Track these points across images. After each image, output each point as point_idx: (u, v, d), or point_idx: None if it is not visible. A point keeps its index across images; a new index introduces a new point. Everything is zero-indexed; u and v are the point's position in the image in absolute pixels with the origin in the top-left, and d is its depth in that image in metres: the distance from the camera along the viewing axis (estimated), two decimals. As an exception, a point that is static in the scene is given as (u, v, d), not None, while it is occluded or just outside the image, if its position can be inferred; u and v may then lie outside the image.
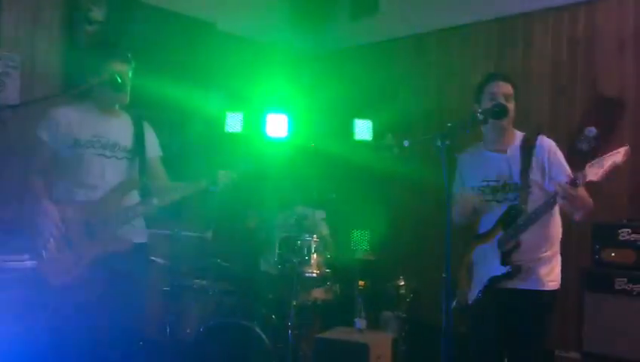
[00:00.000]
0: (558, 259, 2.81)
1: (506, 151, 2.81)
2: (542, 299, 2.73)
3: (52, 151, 2.88)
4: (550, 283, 2.75)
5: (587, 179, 2.46)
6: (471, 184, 2.89)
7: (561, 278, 2.81)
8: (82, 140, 2.85)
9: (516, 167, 2.75)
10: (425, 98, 5.00)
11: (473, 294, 2.85)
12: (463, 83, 4.74)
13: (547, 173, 2.73)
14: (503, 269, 2.72)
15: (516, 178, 2.75)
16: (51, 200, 2.82)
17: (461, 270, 2.91)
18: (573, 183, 2.47)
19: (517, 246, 2.70)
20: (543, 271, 2.74)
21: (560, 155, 2.78)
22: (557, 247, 2.81)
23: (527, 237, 2.68)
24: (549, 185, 2.72)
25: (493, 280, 2.76)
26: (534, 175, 2.73)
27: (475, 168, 2.90)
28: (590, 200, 2.62)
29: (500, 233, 2.76)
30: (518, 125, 2.91)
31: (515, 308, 2.73)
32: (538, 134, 2.84)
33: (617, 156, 2.41)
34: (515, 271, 2.70)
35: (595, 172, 2.42)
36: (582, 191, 2.52)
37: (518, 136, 2.85)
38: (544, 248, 2.76)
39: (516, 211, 2.71)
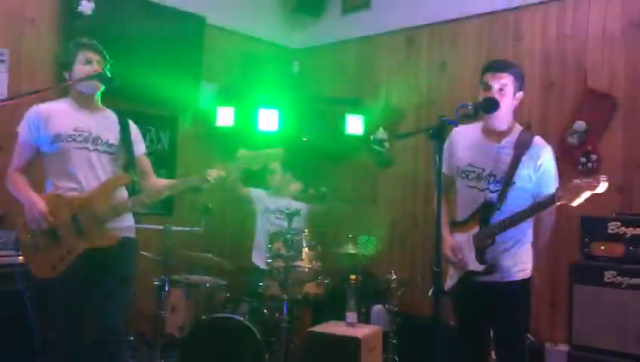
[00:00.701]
0: (525, 248, 2.79)
1: (499, 142, 2.77)
2: (509, 288, 2.74)
3: (33, 148, 2.87)
4: (519, 273, 2.76)
5: (561, 202, 2.51)
6: (457, 164, 2.86)
7: (551, 271, 2.82)
8: (63, 135, 2.82)
9: (504, 161, 2.73)
10: (416, 92, 5.01)
11: (449, 283, 2.88)
12: (454, 77, 4.77)
13: (536, 177, 2.71)
14: (479, 267, 2.74)
15: (502, 171, 2.72)
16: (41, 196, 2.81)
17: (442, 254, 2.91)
18: (551, 199, 2.53)
19: (492, 243, 2.73)
20: (511, 261, 2.74)
21: (554, 165, 2.75)
22: (526, 237, 2.79)
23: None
24: (534, 188, 2.72)
25: (469, 274, 2.78)
26: (521, 173, 2.71)
27: (464, 149, 2.85)
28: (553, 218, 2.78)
29: (475, 228, 2.76)
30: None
31: (490, 300, 2.74)
32: (534, 136, 2.81)
33: (597, 188, 2.43)
34: (491, 269, 2.73)
35: (570, 197, 2.47)
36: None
37: (517, 129, 2.80)
38: (513, 238, 2.75)
39: (492, 207, 2.71)
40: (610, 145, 4.01)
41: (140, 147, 3.08)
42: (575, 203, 2.48)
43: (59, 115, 2.87)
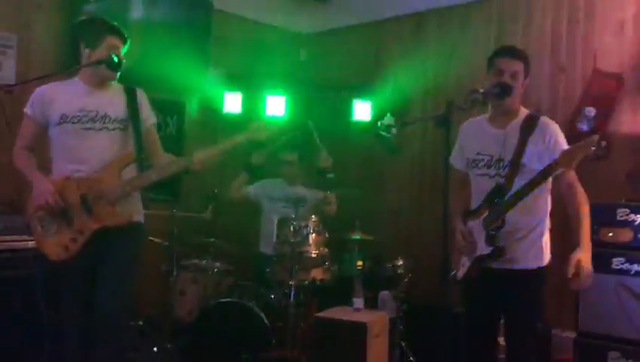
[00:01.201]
0: (543, 236, 2.77)
1: (505, 128, 2.76)
2: (524, 276, 2.71)
3: (39, 128, 2.88)
4: (535, 262, 2.73)
5: (559, 168, 2.47)
6: (467, 155, 2.87)
7: (559, 257, 2.80)
8: (69, 115, 2.83)
9: (511, 145, 2.71)
10: (424, 78, 4.98)
11: (462, 271, 2.86)
12: (463, 62, 4.73)
13: (548, 154, 2.65)
14: (487, 249, 2.70)
15: (509, 155, 2.71)
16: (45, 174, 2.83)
17: (453, 244, 2.91)
18: (550, 166, 2.49)
19: (501, 225, 2.67)
20: (525, 249, 2.71)
21: (561, 140, 2.70)
22: (543, 225, 2.77)
23: (511, 215, 2.66)
24: (539, 163, 2.66)
25: (478, 259, 2.76)
26: (528, 155, 2.68)
27: (472, 139, 2.87)
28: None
29: (486, 213, 2.74)
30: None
31: (502, 288, 2.73)
32: (540, 116, 2.78)
33: (589, 149, 2.38)
34: (498, 252, 2.68)
35: (567, 163, 2.44)
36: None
37: (522, 113, 2.79)
38: (527, 226, 2.72)
39: (501, 191, 2.68)
40: (620, 131, 3.97)
41: (148, 117, 3.03)
42: (572, 166, 2.46)
43: (65, 95, 2.87)
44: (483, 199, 2.77)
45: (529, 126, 2.72)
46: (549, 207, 2.80)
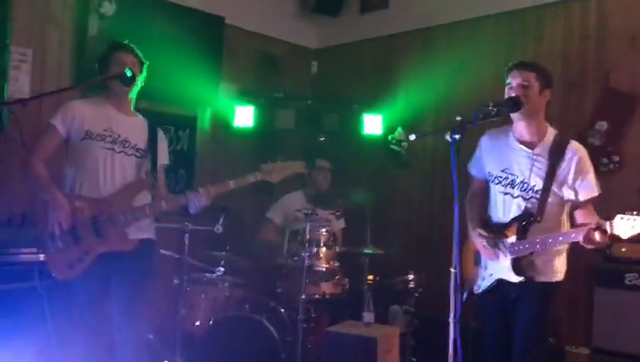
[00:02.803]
0: (563, 253, 2.77)
1: (533, 148, 2.73)
2: (542, 288, 2.71)
3: (61, 141, 2.92)
4: (554, 275, 2.73)
5: (614, 233, 2.41)
6: (489, 169, 2.85)
7: (572, 274, 2.79)
8: (94, 133, 2.89)
9: (540, 169, 2.68)
10: (434, 92, 4.98)
11: (480, 285, 2.85)
12: (473, 77, 4.72)
13: (570, 181, 2.66)
14: (516, 278, 2.68)
15: (536, 180, 2.69)
16: (60, 189, 2.85)
17: (467, 255, 2.89)
18: (602, 231, 2.43)
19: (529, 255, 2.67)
20: (546, 263, 2.71)
21: (589, 167, 2.69)
22: (563, 246, 2.76)
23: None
24: (572, 197, 2.68)
25: (503, 283, 2.75)
26: (557, 182, 2.66)
27: (497, 154, 2.83)
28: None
29: (513, 236, 2.71)
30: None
31: (517, 297, 2.74)
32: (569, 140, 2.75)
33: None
34: (528, 282, 2.68)
35: (625, 231, 2.38)
36: (604, 238, 2.46)
37: (550, 134, 2.75)
38: (551, 250, 2.72)
39: (531, 218, 2.65)
40: (632, 145, 3.95)
41: (162, 158, 3.12)
42: (630, 237, 2.40)
43: (93, 113, 2.93)
44: (511, 219, 2.73)
45: (558, 152, 2.68)
46: (568, 226, 2.78)
